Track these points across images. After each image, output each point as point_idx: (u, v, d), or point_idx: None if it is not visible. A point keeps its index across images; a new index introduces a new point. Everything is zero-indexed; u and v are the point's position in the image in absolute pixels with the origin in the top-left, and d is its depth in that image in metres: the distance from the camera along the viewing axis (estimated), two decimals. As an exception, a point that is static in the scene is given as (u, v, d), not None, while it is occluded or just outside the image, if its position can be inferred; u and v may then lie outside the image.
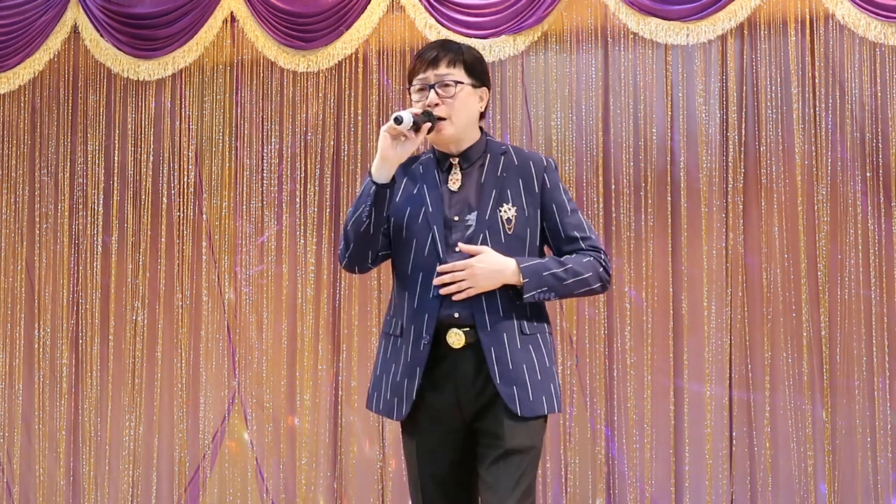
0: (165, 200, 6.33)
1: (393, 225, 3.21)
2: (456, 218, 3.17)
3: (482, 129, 3.29)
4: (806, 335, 5.42)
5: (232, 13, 6.15)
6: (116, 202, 6.41)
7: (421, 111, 3.15)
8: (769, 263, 5.50)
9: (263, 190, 6.20)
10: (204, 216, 6.29)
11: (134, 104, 6.41)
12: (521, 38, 5.69)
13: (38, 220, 6.52)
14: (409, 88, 3.25)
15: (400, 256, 3.21)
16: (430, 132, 3.15)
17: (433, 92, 3.18)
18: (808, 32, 5.49)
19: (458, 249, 3.11)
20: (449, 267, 3.09)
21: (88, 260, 6.43)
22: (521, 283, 3.09)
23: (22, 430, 6.46)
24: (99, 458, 6.35)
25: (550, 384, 3.15)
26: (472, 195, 3.19)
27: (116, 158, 6.42)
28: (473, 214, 3.16)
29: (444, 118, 3.17)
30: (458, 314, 3.10)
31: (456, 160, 3.23)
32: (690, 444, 5.58)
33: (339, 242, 3.76)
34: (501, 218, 3.16)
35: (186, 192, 6.32)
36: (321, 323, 6.09)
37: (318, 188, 6.12)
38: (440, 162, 3.25)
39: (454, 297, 3.09)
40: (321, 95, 6.13)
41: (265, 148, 6.21)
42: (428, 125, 3.14)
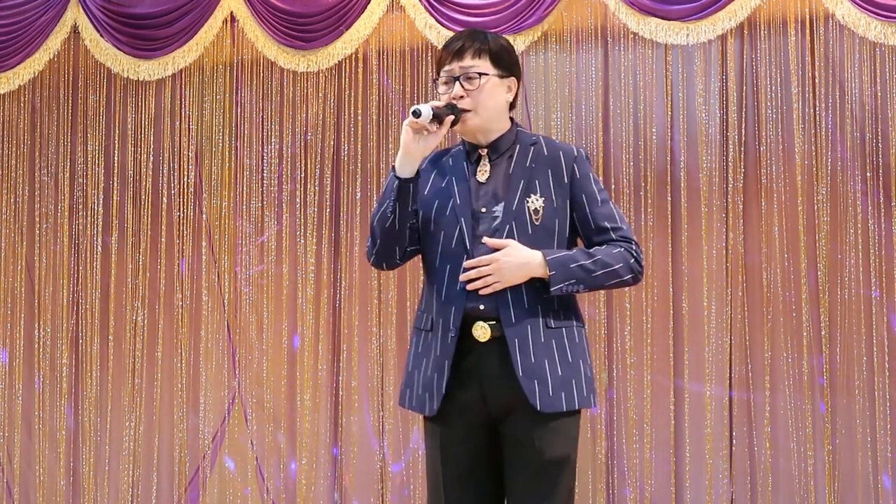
0: (165, 200, 6.33)
1: (422, 218, 3.18)
2: (483, 209, 3.13)
3: (512, 119, 3.24)
4: (806, 335, 5.41)
5: (232, 13, 6.15)
6: (116, 202, 6.41)
7: (444, 104, 3.11)
8: (769, 263, 5.50)
9: (263, 190, 6.20)
10: (204, 216, 6.29)
11: (134, 104, 6.40)
12: (521, 37, 5.69)
13: (38, 220, 6.52)
14: (434, 80, 3.21)
15: (428, 249, 3.19)
16: (454, 125, 3.11)
17: (458, 84, 3.14)
18: (808, 32, 5.49)
19: (483, 242, 3.08)
20: (474, 262, 3.06)
21: (88, 260, 6.43)
22: (547, 275, 3.04)
23: (22, 429, 6.46)
24: (99, 458, 6.35)
25: (573, 380, 3.09)
26: (499, 186, 3.15)
27: (116, 158, 6.42)
28: (500, 205, 3.12)
29: (468, 111, 3.13)
30: (483, 307, 3.07)
31: (485, 151, 3.20)
32: (690, 444, 5.57)
33: (366, 239, 3.74)
34: (529, 209, 3.11)
35: (186, 192, 6.32)
36: (321, 323, 6.09)
37: (318, 188, 6.11)
38: (469, 153, 3.22)
39: (480, 291, 3.06)
40: (321, 95, 6.13)
41: (265, 148, 6.21)
42: (451, 118, 3.09)
